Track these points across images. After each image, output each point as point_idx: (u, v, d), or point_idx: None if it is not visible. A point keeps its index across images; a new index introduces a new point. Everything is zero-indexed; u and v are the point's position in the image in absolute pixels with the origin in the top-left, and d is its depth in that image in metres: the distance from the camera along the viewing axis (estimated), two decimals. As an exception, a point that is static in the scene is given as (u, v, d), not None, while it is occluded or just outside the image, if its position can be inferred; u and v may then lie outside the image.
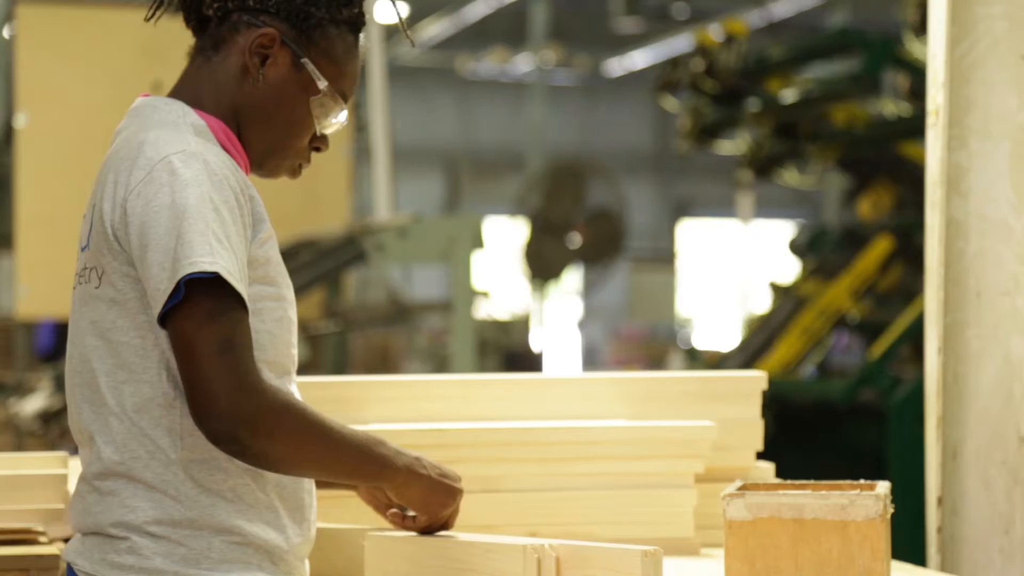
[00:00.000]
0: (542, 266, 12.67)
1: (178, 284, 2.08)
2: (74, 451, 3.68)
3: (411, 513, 2.42)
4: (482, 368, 9.65)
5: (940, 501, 3.18)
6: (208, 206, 2.12)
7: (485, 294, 12.77)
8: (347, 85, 2.36)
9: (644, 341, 19.96)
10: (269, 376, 2.20)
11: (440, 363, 10.27)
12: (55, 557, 2.73)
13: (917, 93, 7.99)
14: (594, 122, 23.76)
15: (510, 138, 22.52)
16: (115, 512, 2.18)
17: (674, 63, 8.93)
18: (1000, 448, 3.14)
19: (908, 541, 3.48)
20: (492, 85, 22.80)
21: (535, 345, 13.94)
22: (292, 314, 2.31)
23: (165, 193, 2.12)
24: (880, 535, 2.35)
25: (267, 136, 2.31)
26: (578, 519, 2.70)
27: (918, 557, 3.09)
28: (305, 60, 2.30)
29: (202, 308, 2.09)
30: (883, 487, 2.44)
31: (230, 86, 2.30)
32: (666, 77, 8.87)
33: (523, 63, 21.69)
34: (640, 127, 24.09)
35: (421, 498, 2.36)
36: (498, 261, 16.52)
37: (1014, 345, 3.14)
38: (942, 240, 3.19)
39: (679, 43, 18.69)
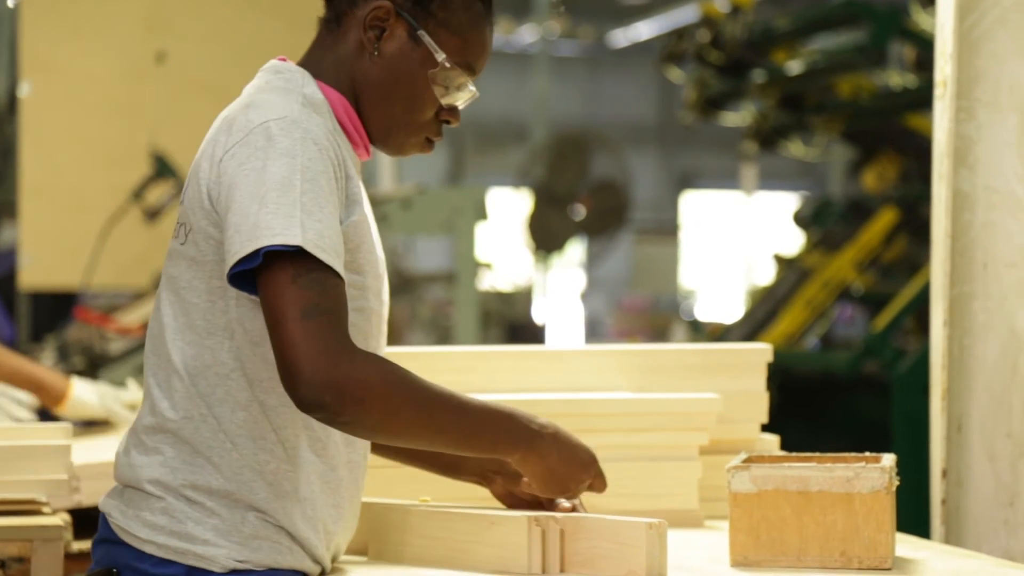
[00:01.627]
0: (545, 238, 12.65)
1: (256, 252, 2.04)
2: (77, 423, 3.68)
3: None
4: (485, 339, 9.65)
5: (944, 473, 3.17)
6: (300, 176, 2.08)
7: (488, 265, 12.75)
8: (473, 56, 2.29)
9: (647, 313, 19.95)
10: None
11: (443, 334, 10.27)
12: (58, 528, 2.73)
13: (923, 65, 7.96)
14: (598, 93, 23.71)
15: (514, 109, 22.46)
16: (156, 470, 2.17)
17: (679, 34, 8.90)
18: (1005, 420, 3.13)
19: (911, 513, 3.47)
20: (496, 56, 22.54)
21: (538, 317, 13.94)
22: (377, 305, 2.26)
23: (258, 157, 2.09)
24: (885, 507, 2.35)
25: (387, 112, 2.27)
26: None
27: (922, 529, 3.09)
28: (421, 32, 2.24)
29: (286, 274, 2.04)
30: (888, 459, 2.44)
31: (349, 60, 2.26)
32: (671, 48, 8.84)
33: (527, 34, 21.62)
34: (644, 98, 24.04)
35: (540, 475, 2.29)
36: (501, 232, 16.50)
37: (1020, 317, 3.13)
38: (949, 212, 3.18)
39: (684, 14, 18.62)
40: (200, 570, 2.14)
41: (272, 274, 2.05)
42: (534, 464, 2.28)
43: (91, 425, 3.90)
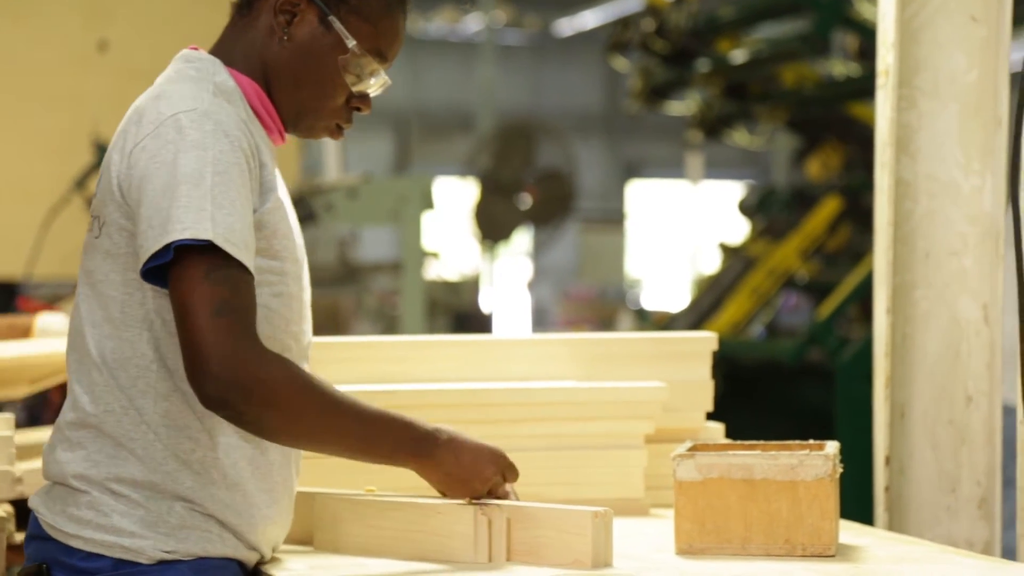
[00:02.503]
0: (492, 227, 12.64)
1: (168, 246, 2.04)
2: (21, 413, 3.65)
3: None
4: (432, 329, 9.64)
5: (888, 460, 3.20)
6: (211, 169, 2.07)
7: (435, 255, 12.72)
8: (384, 44, 2.29)
9: (594, 302, 19.98)
10: None
11: (390, 324, 10.25)
12: (1, 519, 2.71)
13: (866, 53, 8.00)
14: (544, 82, 23.70)
15: (460, 98, 22.43)
16: (79, 464, 2.16)
17: (624, 23, 8.91)
18: (947, 408, 3.16)
19: (855, 500, 3.50)
20: (442, 45, 22.69)
21: (485, 306, 13.93)
22: (296, 290, 2.25)
23: (168, 150, 2.08)
24: (829, 495, 2.36)
25: (296, 96, 2.26)
26: (528, 480, 2.69)
27: (864, 516, 3.11)
28: (332, 18, 2.24)
29: (198, 270, 2.05)
30: (832, 447, 2.45)
31: (259, 45, 2.26)
32: (616, 37, 8.85)
33: (473, 23, 21.60)
34: (590, 87, 24.05)
35: (441, 482, 2.30)
36: (448, 222, 16.49)
37: (962, 305, 3.16)
38: (891, 200, 3.20)
39: (629, 3, 18.64)
40: (128, 562, 2.13)
41: (183, 269, 2.05)
42: (432, 471, 2.29)
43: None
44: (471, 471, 2.30)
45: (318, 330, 2.45)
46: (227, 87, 2.21)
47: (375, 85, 2.30)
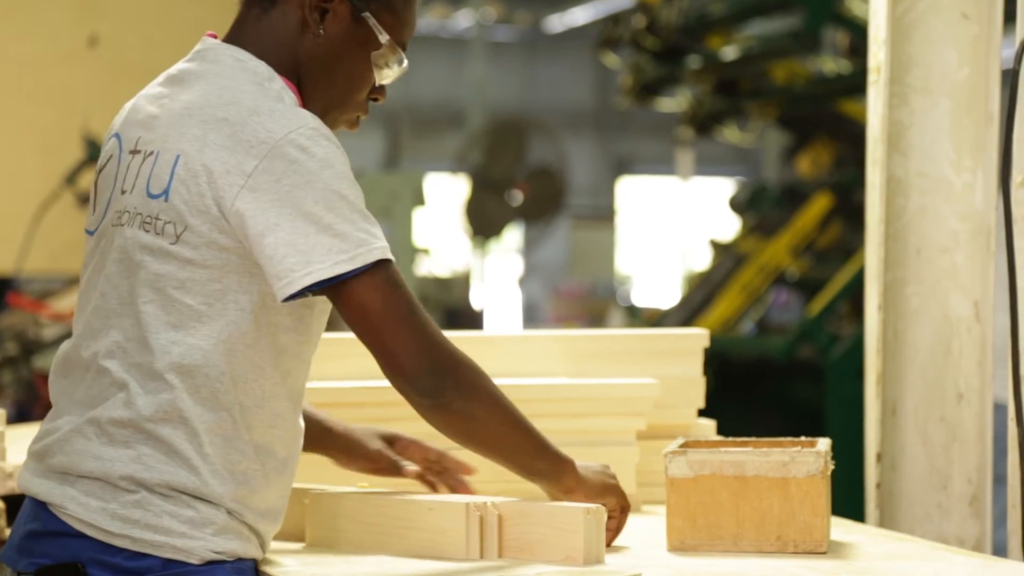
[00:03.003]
0: (483, 223, 12.64)
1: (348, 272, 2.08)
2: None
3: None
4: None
5: (879, 457, 3.20)
6: (345, 183, 2.11)
7: (426, 251, 12.72)
8: (407, 35, 2.31)
9: (584, 298, 19.99)
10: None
11: (380, 320, 10.21)
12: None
13: (857, 50, 8.01)
14: (535, 79, 23.69)
15: (450, 94, 22.42)
16: (128, 466, 2.13)
17: (615, 19, 8.91)
18: (938, 405, 3.16)
19: (846, 496, 3.50)
20: (432, 41, 22.68)
21: (476, 302, 13.93)
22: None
23: (298, 172, 2.08)
24: (820, 491, 2.36)
25: (328, 92, 2.26)
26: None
27: (855, 512, 3.11)
28: (367, 14, 2.24)
29: (376, 280, 2.11)
30: (824, 444, 2.45)
31: (290, 41, 2.23)
32: (607, 34, 8.85)
33: (463, 19, 21.59)
34: (581, 84, 24.05)
35: (596, 486, 2.38)
36: (439, 218, 16.48)
37: (953, 302, 3.16)
38: (883, 197, 3.20)
39: (620, 0, 18.66)
40: (177, 562, 2.12)
41: (358, 283, 2.10)
42: (586, 484, 2.36)
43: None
44: (603, 477, 2.41)
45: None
46: (291, 96, 2.20)
47: (396, 75, 2.32)
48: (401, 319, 2.12)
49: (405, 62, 2.30)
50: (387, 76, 2.31)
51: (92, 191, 2.33)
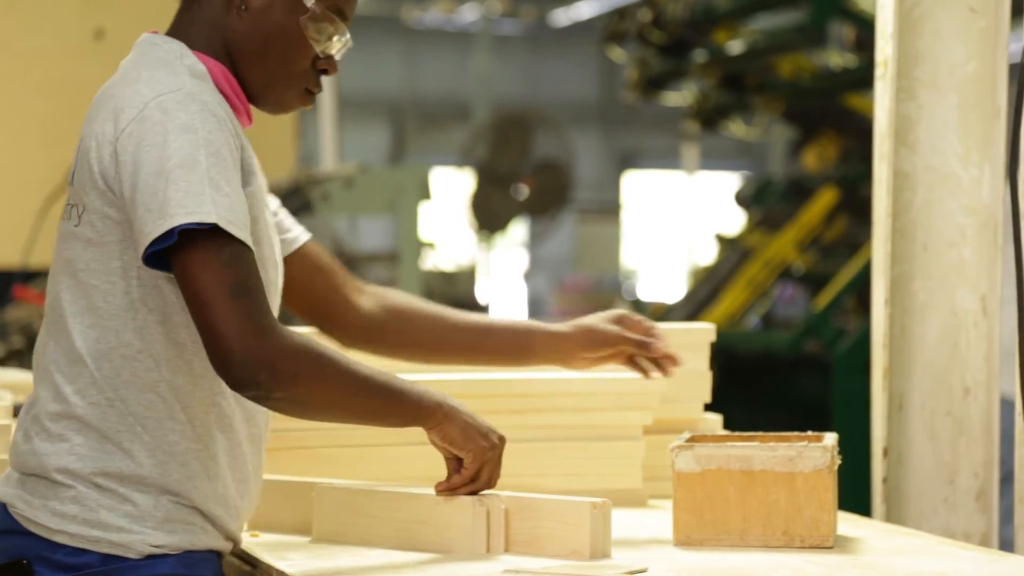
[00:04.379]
0: (488, 217, 12.64)
1: (171, 231, 2.02)
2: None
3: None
4: (428, 319, 9.61)
5: (886, 452, 3.19)
6: (204, 150, 2.06)
7: (431, 245, 12.72)
8: (342, 1, 2.27)
9: (589, 292, 19.97)
10: None
11: (386, 314, 10.21)
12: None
13: (863, 44, 8.00)
14: (540, 73, 23.68)
15: (456, 88, 22.41)
16: (63, 458, 2.13)
17: (621, 13, 8.90)
18: (945, 399, 3.15)
19: (852, 491, 3.49)
20: (438, 35, 22.67)
21: (481, 296, 13.94)
22: (273, 275, 2.24)
23: (157, 132, 2.06)
24: (827, 486, 2.36)
25: (263, 68, 2.24)
26: (526, 471, 2.69)
27: (862, 507, 3.11)
28: None
29: (206, 253, 2.03)
30: (830, 439, 2.45)
31: (218, 22, 2.23)
32: (613, 27, 8.84)
33: (469, 12, 21.58)
34: (586, 78, 24.03)
35: (462, 435, 2.28)
36: (444, 212, 16.48)
37: (960, 297, 3.15)
38: (890, 191, 3.19)
39: (626, -7, 18.63)
40: (116, 557, 2.11)
41: (190, 253, 2.04)
42: (452, 423, 2.27)
43: None
44: (483, 436, 2.30)
45: (316, 320, 2.44)
46: (198, 70, 2.19)
47: (338, 45, 2.28)
48: (222, 299, 2.02)
49: (343, 28, 2.26)
50: (330, 46, 2.27)
51: None
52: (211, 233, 2.04)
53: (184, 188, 2.03)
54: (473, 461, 2.29)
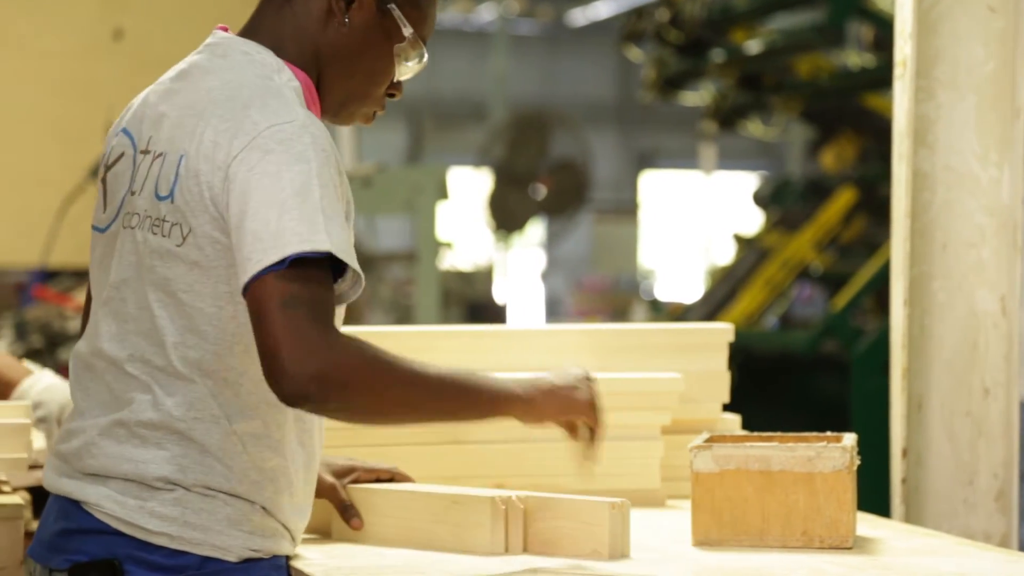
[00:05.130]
0: (506, 217, 12.64)
1: (284, 259, 1.99)
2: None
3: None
4: (446, 319, 9.64)
5: (905, 452, 3.19)
6: (316, 180, 2.04)
7: (449, 245, 12.72)
8: (427, 29, 2.27)
9: (607, 292, 19.97)
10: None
11: (404, 314, 10.24)
12: (19, 507, 2.71)
13: (881, 44, 7.99)
14: (557, 72, 23.68)
15: (473, 88, 22.42)
16: (163, 467, 2.12)
17: (638, 13, 8.90)
18: (965, 400, 3.15)
19: (871, 492, 3.49)
20: (455, 34, 22.67)
21: (499, 296, 13.94)
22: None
23: (271, 162, 2.04)
24: (846, 487, 2.36)
25: (347, 84, 2.23)
26: (544, 470, 2.69)
27: (881, 507, 3.10)
28: (392, 6, 2.22)
29: (299, 282, 2.00)
30: (850, 439, 2.45)
31: (312, 30, 2.21)
32: (630, 27, 8.84)
33: (486, 12, 21.58)
34: (604, 78, 24.02)
35: (556, 409, 2.26)
36: (462, 212, 16.49)
37: (979, 297, 3.15)
38: (909, 192, 3.19)
39: (643, -7, 18.61)
40: (214, 560, 2.12)
41: (271, 277, 2.00)
42: (538, 407, 2.24)
43: None
44: (569, 382, 2.28)
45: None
46: (295, 87, 2.17)
47: (413, 70, 2.29)
48: (274, 311, 1.99)
49: (426, 57, 2.28)
50: (406, 71, 2.28)
51: (100, 187, 2.29)
52: (321, 262, 2.03)
53: (298, 217, 2.01)
54: (584, 420, 2.29)
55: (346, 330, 2.13)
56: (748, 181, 21.07)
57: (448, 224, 12.88)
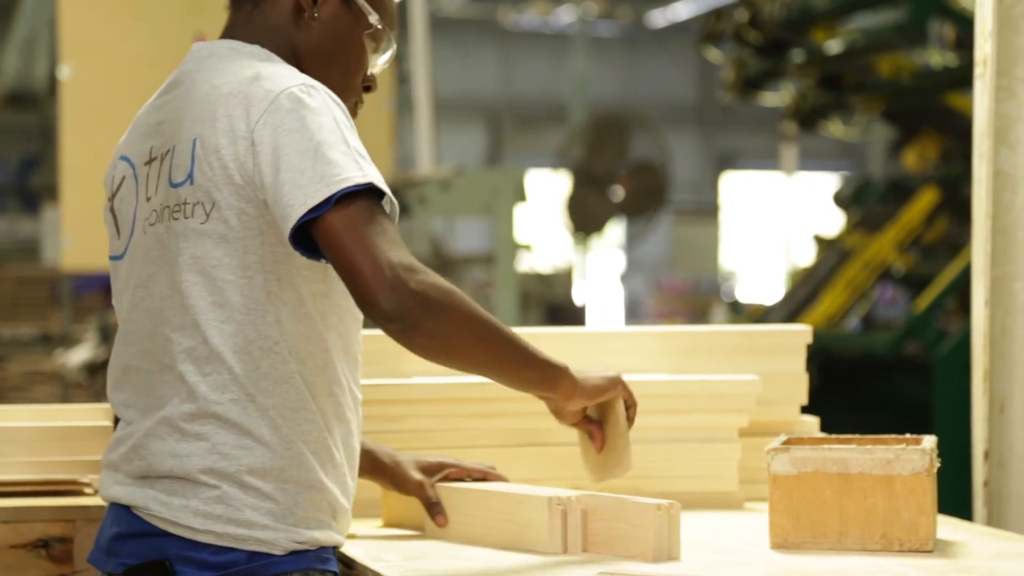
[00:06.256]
0: (585, 219, 12.63)
1: (328, 198, 2.06)
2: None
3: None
4: (524, 321, 9.65)
5: (987, 455, 3.15)
6: (339, 125, 2.12)
7: (528, 247, 12.73)
8: (389, 19, 2.34)
9: (687, 294, 19.92)
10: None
11: (483, 316, 10.24)
12: (101, 508, 2.75)
13: (963, 43, 7.90)
14: (637, 74, 23.64)
15: (552, 90, 22.43)
16: (206, 458, 2.14)
17: (718, 14, 8.86)
18: (1048, 402, 3.11)
19: (953, 495, 3.45)
20: (534, 37, 22.70)
21: (577, 298, 13.93)
22: None
23: (294, 119, 2.11)
24: (926, 489, 2.34)
25: (327, 77, 2.27)
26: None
27: (963, 511, 3.07)
28: None
29: (360, 207, 2.07)
30: (929, 441, 2.42)
31: (286, 29, 2.28)
32: (710, 28, 8.81)
33: (565, 14, 21.59)
34: (683, 79, 23.96)
35: (601, 383, 2.37)
36: (540, 214, 16.49)
37: (1063, 298, 3.10)
38: (990, 192, 3.15)
39: (723, -6, 18.54)
40: (262, 554, 2.14)
41: (345, 210, 2.07)
42: (583, 383, 2.33)
43: None
44: (602, 374, 2.38)
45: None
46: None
47: (385, 62, 2.36)
48: (378, 238, 2.06)
49: (394, 45, 2.34)
50: (377, 61, 2.35)
51: (110, 218, 2.34)
52: (366, 194, 2.08)
53: (332, 159, 2.08)
54: (625, 396, 2.39)
55: None
56: (829, 182, 20.93)
57: (527, 226, 12.90)
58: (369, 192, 2.09)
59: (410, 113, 9.36)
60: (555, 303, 12.55)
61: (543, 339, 2.92)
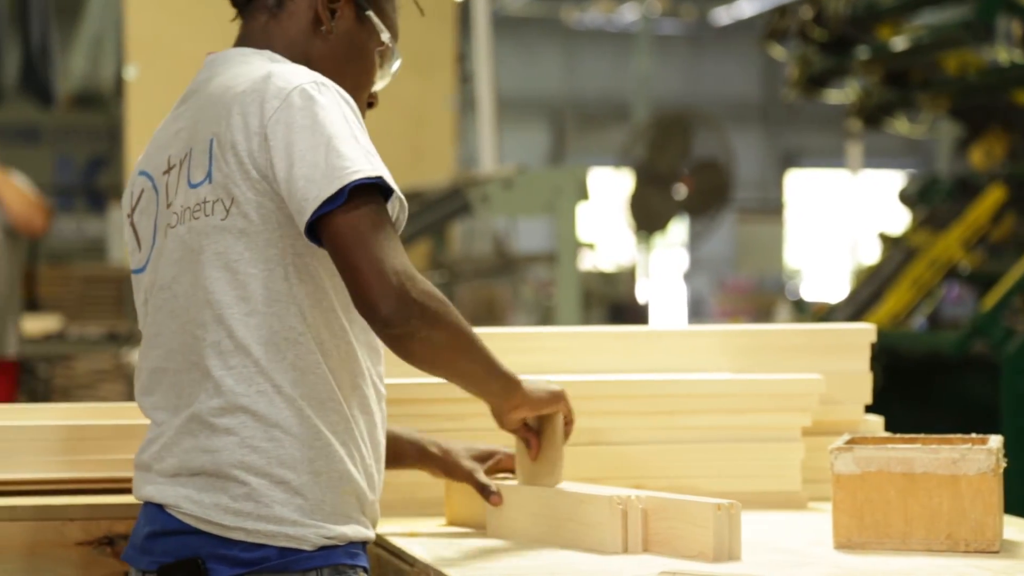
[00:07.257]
0: (647, 217, 12.59)
1: (340, 191, 2.10)
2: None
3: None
4: (587, 320, 9.64)
5: (1054, 455, 3.12)
6: (349, 122, 2.17)
7: (590, 246, 12.71)
8: (395, 34, 2.40)
9: (751, 293, 19.84)
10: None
11: (545, 315, 10.26)
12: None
13: (1031, 40, 7.82)
14: (700, 72, 23.56)
15: (615, 88, 22.39)
16: (235, 452, 2.17)
17: (782, 11, 8.81)
18: (1117, 402, 3.07)
19: (1020, 495, 3.42)
20: (597, 35, 22.67)
21: (641, 297, 13.91)
22: None
23: (305, 115, 2.15)
24: (992, 489, 2.31)
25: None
26: (683, 472, 2.69)
27: (1031, 512, 3.04)
28: (370, 12, 2.34)
29: (369, 206, 2.12)
30: (995, 441, 2.40)
31: (301, 40, 2.32)
32: (774, 25, 8.76)
33: (629, 13, 21.55)
34: (747, 76, 23.85)
35: (544, 397, 2.42)
36: (603, 212, 16.46)
37: None
38: (1058, 189, 3.12)
39: (787, -9, 18.43)
40: (292, 550, 2.16)
41: (354, 206, 2.11)
42: (530, 396, 2.39)
43: None
44: (547, 391, 2.43)
45: (473, 320, 2.47)
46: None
47: (387, 79, 2.41)
48: (382, 241, 2.11)
49: (399, 60, 2.40)
50: (382, 78, 2.40)
51: (130, 231, 2.36)
52: (375, 194, 2.13)
53: (343, 152, 2.12)
54: (565, 412, 2.44)
55: None
56: (895, 179, 20.79)
57: (589, 225, 12.89)
58: (378, 190, 2.13)
59: (473, 112, 9.37)
60: (618, 302, 12.53)
61: (606, 338, 2.93)
